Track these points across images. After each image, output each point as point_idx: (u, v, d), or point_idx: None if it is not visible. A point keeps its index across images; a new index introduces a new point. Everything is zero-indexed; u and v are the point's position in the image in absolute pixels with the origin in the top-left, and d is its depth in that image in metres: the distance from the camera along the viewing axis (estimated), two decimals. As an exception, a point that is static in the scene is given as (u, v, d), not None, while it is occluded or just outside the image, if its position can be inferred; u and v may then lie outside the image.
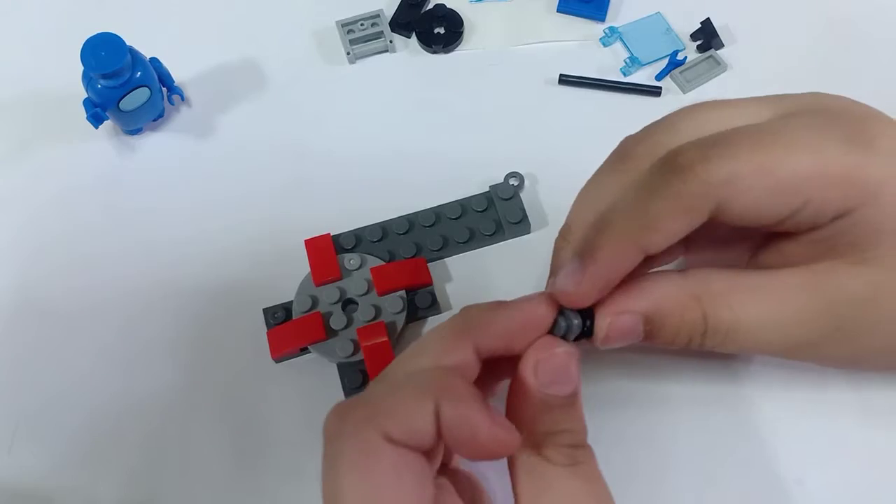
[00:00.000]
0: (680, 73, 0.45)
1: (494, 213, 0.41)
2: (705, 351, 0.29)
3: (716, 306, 0.28)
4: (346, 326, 0.37)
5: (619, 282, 0.28)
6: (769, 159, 0.26)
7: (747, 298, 0.28)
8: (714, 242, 0.32)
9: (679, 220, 0.27)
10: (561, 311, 0.28)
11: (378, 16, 0.48)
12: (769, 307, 0.28)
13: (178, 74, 0.45)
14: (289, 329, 0.38)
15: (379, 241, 0.40)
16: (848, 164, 0.26)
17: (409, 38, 0.48)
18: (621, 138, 0.43)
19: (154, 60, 0.43)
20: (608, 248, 0.27)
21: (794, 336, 0.29)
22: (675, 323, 0.28)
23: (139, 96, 0.42)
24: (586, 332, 0.28)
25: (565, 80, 0.46)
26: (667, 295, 0.28)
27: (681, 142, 0.28)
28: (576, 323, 0.28)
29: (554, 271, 0.32)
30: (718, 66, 0.46)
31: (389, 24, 0.48)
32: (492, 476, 0.31)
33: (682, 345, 0.29)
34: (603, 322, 0.28)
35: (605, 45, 0.47)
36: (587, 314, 0.28)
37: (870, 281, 0.28)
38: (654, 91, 0.45)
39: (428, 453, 0.25)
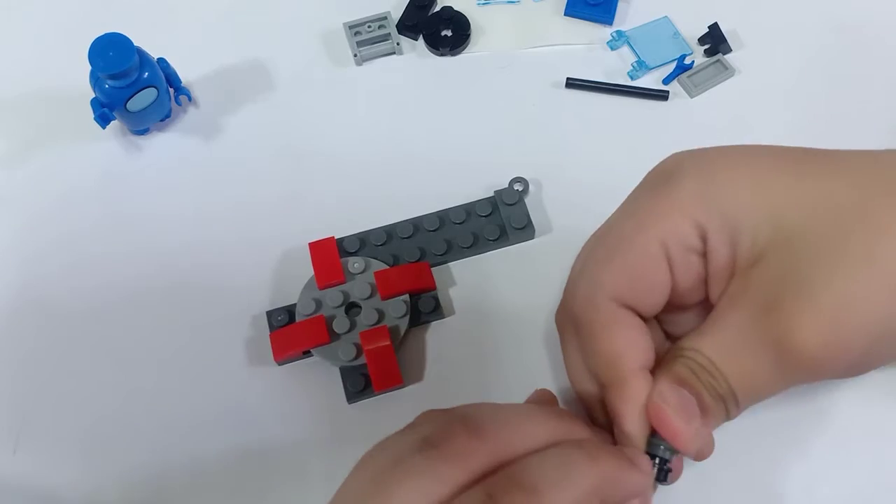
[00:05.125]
0: (687, 77, 0.45)
1: (499, 219, 0.41)
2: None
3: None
4: (350, 330, 0.37)
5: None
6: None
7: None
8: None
9: None
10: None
11: (385, 18, 0.48)
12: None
13: (185, 75, 0.45)
14: (292, 332, 0.38)
15: (383, 244, 0.40)
16: None
17: (417, 40, 0.48)
18: (628, 143, 0.44)
19: (161, 61, 0.43)
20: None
21: None
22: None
23: (146, 97, 0.42)
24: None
25: (572, 83, 0.45)
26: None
27: None
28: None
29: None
30: (726, 71, 0.45)
31: (397, 26, 0.48)
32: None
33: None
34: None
35: (612, 48, 0.47)
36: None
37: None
38: (662, 95, 0.45)
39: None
